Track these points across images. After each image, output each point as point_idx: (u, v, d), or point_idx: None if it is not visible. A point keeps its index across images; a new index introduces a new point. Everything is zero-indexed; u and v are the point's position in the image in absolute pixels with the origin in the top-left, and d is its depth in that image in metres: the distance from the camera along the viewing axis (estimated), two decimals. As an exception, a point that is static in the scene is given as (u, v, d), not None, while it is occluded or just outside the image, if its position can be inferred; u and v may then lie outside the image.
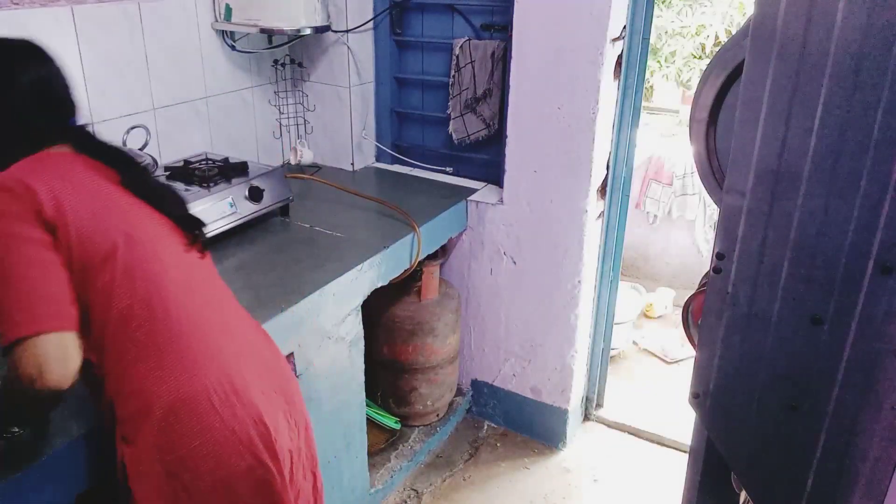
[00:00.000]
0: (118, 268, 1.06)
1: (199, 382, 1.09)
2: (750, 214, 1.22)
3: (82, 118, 1.21)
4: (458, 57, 2.35)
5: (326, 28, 2.31)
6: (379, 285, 1.93)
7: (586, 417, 2.73)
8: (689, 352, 3.08)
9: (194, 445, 1.07)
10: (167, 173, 1.97)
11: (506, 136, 2.28)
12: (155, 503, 1.08)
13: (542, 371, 2.50)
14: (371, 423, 2.19)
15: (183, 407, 1.07)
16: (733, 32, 2.34)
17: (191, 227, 1.23)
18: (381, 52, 2.53)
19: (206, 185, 1.92)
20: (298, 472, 1.23)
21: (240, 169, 2.05)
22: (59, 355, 0.97)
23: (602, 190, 2.31)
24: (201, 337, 1.12)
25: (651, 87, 4.55)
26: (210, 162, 2.07)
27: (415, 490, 2.35)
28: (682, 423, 2.44)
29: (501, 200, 2.36)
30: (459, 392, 2.67)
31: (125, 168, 1.16)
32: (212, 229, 1.82)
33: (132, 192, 1.14)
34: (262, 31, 2.17)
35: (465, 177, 2.54)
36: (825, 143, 1.00)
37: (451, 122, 2.45)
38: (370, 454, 2.14)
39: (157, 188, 1.21)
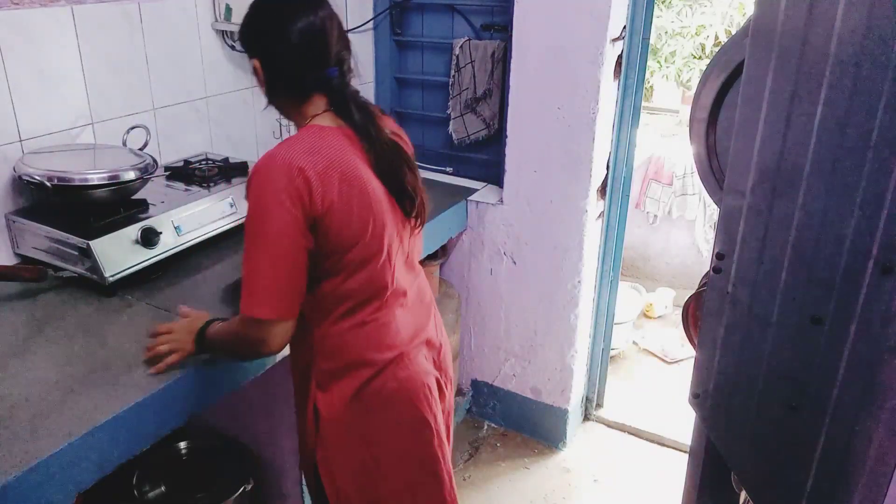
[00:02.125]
0: (358, 256, 1.21)
1: (392, 353, 1.29)
2: (750, 214, 1.22)
3: (343, 64, 1.25)
4: (458, 57, 2.35)
5: (326, 28, 2.31)
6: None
7: (586, 417, 2.73)
8: (689, 352, 3.09)
9: (378, 399, 1.28)
10: (167, 173, 1.97)
11: (506, 136, 2.28)
12: (342, 440, 1.29)
13: (542, 371, 2.50)
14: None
15: (380, 367, 1.27)
16: (733, 32, 2.34)
17: (409, 207, 1.30)
18: (381, 52, 2.53)
19: (206, 185, 1.92)
20: (443, 429, 1.43)
21: (240, 169, 2.05)
22: (281, 336, 1.18)
23: (602, 190, 2.31)
24: (403, 314, 1.32)
25: (651, 87, 4.56)
26: (210, 162, 2.07)
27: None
28: (682, 423, 2.44)
29: (501, 200, 2.36)
30: (459, 392, 2.67)
31: (369, 137, 1.23)
32: (212, 229, 1.82)
33: (374, 170, 1.24)
34: (262, 31, 2.16)
35: (465, 177, 2.54)
36: (825, 143, 1.00)
37: (451, 122, 2.45)
38: (370, 454, 2.13)
39: (396, 171, 1.27)
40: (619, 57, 2.15)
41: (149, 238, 1.64)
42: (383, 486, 1.34)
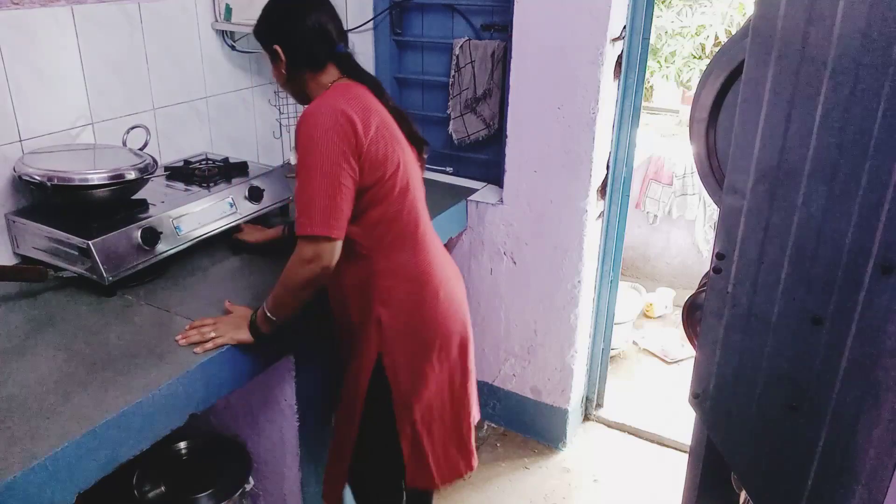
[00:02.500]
0: (397, 183, 1.46)
1: (434, 269, 1.56)
2: (750, 214, 1.22)
3: (345, 45, 1.55)
4: (458, 57, 2.35)
5: (326, 28, 2.31)
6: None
7: (586, 417, 2.73)
8: (689, 352, 3.09)
9: (428, 307, 1.54)
10: (167, 173, 1.97)
11: (506, 136, 2.28)
12: (398, 341, 1.52)
13: (542, 371, 2.50)
14: (371, 423, 2.19)
15: (426, 283, 1.54)
16: (733, 32, 2.34)
17: (419, 141, 1.61)
18: (381, 52, 2.53)
19: (206, 185, 1.92)
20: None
21: (240, 169, 2.05)
22: (330, 255, 1.38)
23: (602, 190, 2.31)
24: (430, 233, 1.60)
25: (651, 87, 4.56)
26: (210, 162, 2.07)
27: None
28: (682, 423, 2.44)
29: (501, 200, 2.36)
30: (459, 392, 2.67)
31: (381, 92, 1.53)
32: (212, 229, 1.82)
33: (386, 106, 1.51)
34: (262, 31, 2.16)
35: (465, 177, 2.54)
36: (825, 143, 1.00)
37: (451, 122, 2.45)
38: (370, 454, 2.13)
39: (397, 110, 1.56)
40: (619, 57, 2.15)
41: (149, 238, 1.64)
42: (432, 379, 1.58)
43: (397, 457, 1.60)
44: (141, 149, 1.83)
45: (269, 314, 1.43)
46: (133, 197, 1.74)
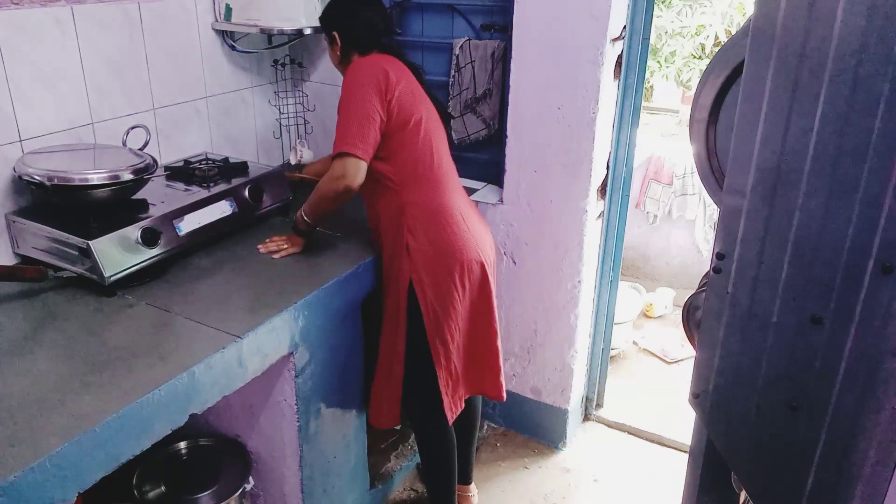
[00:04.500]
0: (420, 132, 1.79)
1: (453, 204, 1.84)
2: (750, 214, 1.22)
3: (391, 35, 1.93)
4: (458, 57, 2.35)
5: (326, 28, 2.31)
6: (377, 284, 1.93)
7: (586, 417, 2.73)
8: (689, 352, 3.09)
9: (448, 234, 1.80)
10: (167, 173, 1.97)
11: (506, 136, 2.28)
12: (424, 264, 1.79)
13: (542, 371, 2.50)
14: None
15: (446, 213, 1.82)
16: (733, 32, 2.34)
17: (444, 112, 1.96)
18: (381, 52, 2.53)
19: (206, 185, 1.92)
20: (492, 275, 1.93)
21: (240, 169, 2.05)
22: (355, 172, 1.68)
23: (602, 190, 2.31)
24: (452, 178, 1.90)
25: (651, 87, 4.56)
26: (210, 162, 2.07)
27: (415, 490, 2.35)
28: (682, 423, 2.44)
29: (501, 200, 2.36)
30: (459, 392, 2.67)
31: (416, 70, 1.88)
32: (212, 229, 1.82)
33: (421, 85, 1.87)
34: (262, 31, 2.17)
35: (465, 177, 2.53)
36: (825, 143, 1.00)
37: (451, 122, 2.45)
38: (370, 454, 2.13)
39: (435, 96, 1.93)
40: (619, 57, 2.15)
41: (149, 238, 1.64)
42: (457, 300, 1.83)
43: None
44: (141, 149, 1.83)
45: (305, 217, 1.81)
46: (133, 197, 1.74)
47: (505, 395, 2.04)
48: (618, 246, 2.49)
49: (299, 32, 2.22)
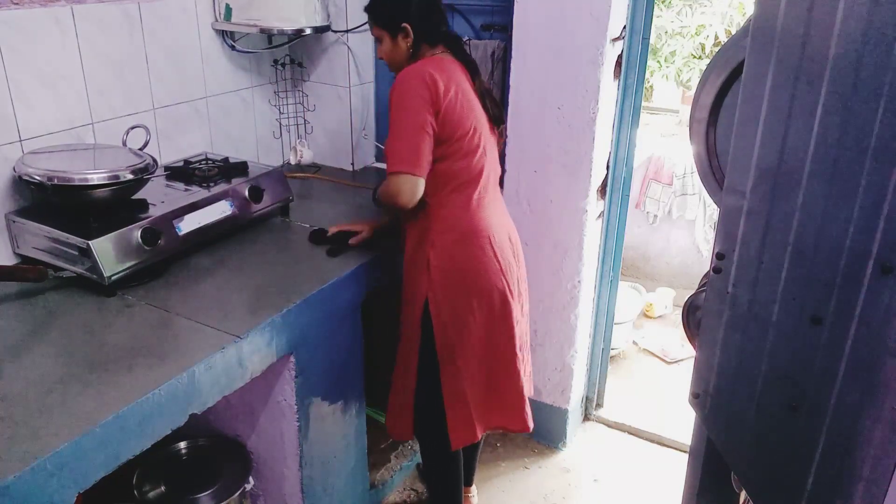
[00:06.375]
0: (464, 145, 1.68)
1: (483, 225, 1.75)
2: (750, 214, 1.22)
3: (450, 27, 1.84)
4: (458, 57, 2.35)
5: (326, 28, 2.31)
6: (379, 284, 1.93)
7: (586, 417, 2.73)
8: (689, 352, 3.09)
9: (471, 258, 1.73)
10: (167, 173, 1.97)
11: (506, 137, 2.28)
12: (442, 283, 1.73)
13: (542, 371, 2.50)
14: (371, 423, 2.19)
15: (474, 235, 1.73)
16: (733, 32, 2.34)
17: (497, 119, 1.84)
18: (381, 52, 2.53)
19: (206, 185, 1.92)
20: (518, 306, 1.86)
21: (240, 169, 2.05)
22: (411, 190, 1.62)
23: (602, 190, 2.31)
24: (490, 192, 1.80)
25: (651, 87, 4.56)
26: (210, 162, 2.07)
27: (415, 490, 2.35)
28: (682, 423, 2.44)
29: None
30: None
31: (476, 72, 1.79)
32: (212, 229, 1.82)
33: (476, 92, 1.76)
34: (262, 31, 2.16)
35: (465, 177, 2.53)
36: (825, 143, 1.00)
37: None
38: (370, 454, 2.13)
39: (487, 91, 1.83)
40: (619, 57, 2.15)
41: (149, 238, 1.64)
42: (472, 327, 1.76)
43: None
44: (141, 149, 1.83)
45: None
46: (133, 197, 1.73)
47: (531, 424, 1.95)
48: (618, 246, 2.49)
49: (299, 32, 2.22)
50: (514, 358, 1.84)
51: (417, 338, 1.78)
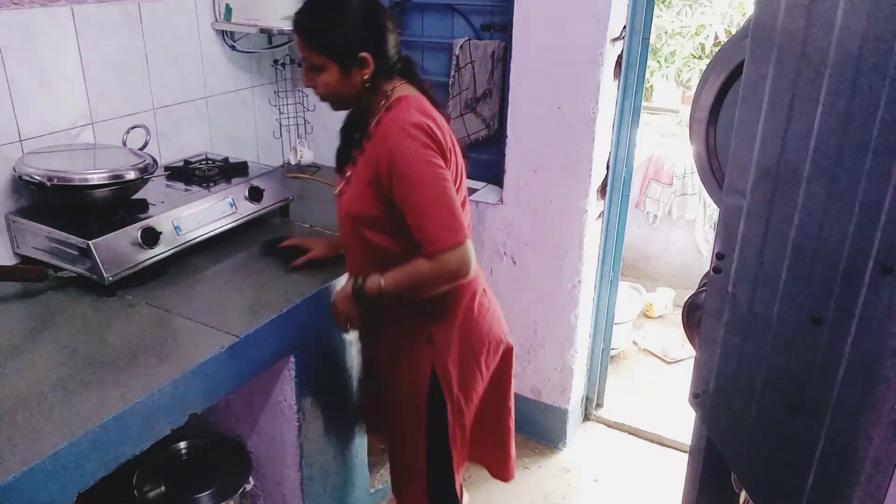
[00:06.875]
0: (459, 194, 1.44)
1: (480, 285, 1.60)
2: (750, 214, 1.22)
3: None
4: (458, 57, 2.35)
5: (326, 28, 2.31)
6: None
7: (586, 417, 2.73)
8: (689, 352, 3.09)
9: (474, 316, 1.58)
10: (167, 173, 1.97)
11: (506, 136, 2.28)
12: (449, 352, 1.55)
13: (542, 371, 2.50)
14: (371, 423, 2.20)
15: (472, 294, 1.56)
16: (733, 32, 2.34)
17: (464, 154, 1.56)
18: (381, 52, 2.53)
19: (206, 185, 1.92)
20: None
21: (240, 169, 2.05)
22: (469, 258, 1.38)
23: (602, 190, 2.31)
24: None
25: (651, 87, 4.56)
26: (210, 162, 2.07)
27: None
28: (682, 423, 2.44)
29: (501, 200, 2.36)
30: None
31: (434, 101, 1.50)
32: (212, 229, 1.82)
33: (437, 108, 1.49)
34: (262, 31, 2.17)
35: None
36: (825, 143, 1.00)
37: (451, 122, 2.45)
38: (370, 454, 2.13)
39: (447, 116, 1.66)
40: (619, 57, 2.15)
41: (149, 238, 1.64)
42: (479, 383, 1.64)
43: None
44: (141, 149, 1.83)
45: (383, 291, 1.43)
46: (133, 197, 1.74)
47: (514, 474, 1.85)
48: (618, 246, 2.49)
49: (299, 32, 2.22)
50: (507, 403, 1.76)
51: (424, 419, 1.60)
